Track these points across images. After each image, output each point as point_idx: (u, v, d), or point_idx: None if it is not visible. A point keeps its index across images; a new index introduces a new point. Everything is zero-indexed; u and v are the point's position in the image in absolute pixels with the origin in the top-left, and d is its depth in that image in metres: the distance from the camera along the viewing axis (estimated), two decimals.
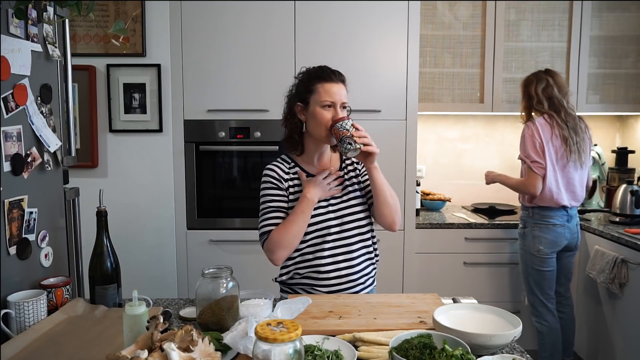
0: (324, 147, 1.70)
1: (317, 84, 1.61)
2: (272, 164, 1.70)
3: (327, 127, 1.59)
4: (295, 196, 1.66)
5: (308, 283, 1.68)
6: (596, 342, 2.78)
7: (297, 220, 1.59)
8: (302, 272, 1.68)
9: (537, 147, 2.50)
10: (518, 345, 1.27)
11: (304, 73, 1.67)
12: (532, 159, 2.51)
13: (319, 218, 1.66)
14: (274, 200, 1.65)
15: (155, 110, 2.67)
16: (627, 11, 3.07)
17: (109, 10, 2.61)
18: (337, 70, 1.66)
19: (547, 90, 2.54)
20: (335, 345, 1.18)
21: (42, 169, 1.53)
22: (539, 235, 2.56)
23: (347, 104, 1.65)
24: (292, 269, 1.70)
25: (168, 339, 1.06)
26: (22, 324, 1.31)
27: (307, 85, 1.62)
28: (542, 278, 2.59)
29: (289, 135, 1.69)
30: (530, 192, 2.53)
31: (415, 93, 2.73)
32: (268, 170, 1.69)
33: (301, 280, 1.69)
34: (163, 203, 2.72)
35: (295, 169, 1.70)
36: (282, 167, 1.69)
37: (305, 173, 1.69)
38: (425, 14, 3.02)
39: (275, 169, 1.68)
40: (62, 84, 1.70)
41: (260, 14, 2.66)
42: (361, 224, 1.70)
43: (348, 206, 1.69)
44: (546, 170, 2.50)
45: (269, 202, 1.65)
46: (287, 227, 1.59)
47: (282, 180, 1.67)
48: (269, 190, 1.66)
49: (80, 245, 1.83)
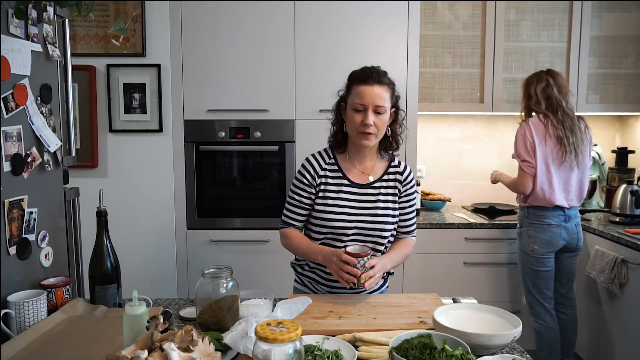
0: (367, 150, 1.66)
1: (354, 85, 1.59)
2: (313, 155, 1.70)
3: (358, 132, 1.58)
4: (326, 187, 1.65)
5: (313, 278, 1.72)
6: (596, 342, 2.78)
7: (302, 252, 1.66)
8: (312, 265, 1.72)
9: (527, 146, 2.51)
10: (518, 345, 1.27)
11: (353, 72, 1.65)
12: (523, 157, 2.53)
13: (343, 224, 1.62)
14: (301, 195, 1.67)
15: (155, 110, 2.67)
16: (627, 11, 3.07)
17: (109, 10, 2.61)
18: (377, 71, 1.59)
19: (546, 90, 2.54)
20: (335, 345, 1.18)
21: (42, 169, 1.53)
22: (533, 235, 2.56)
23: (383, 107, 1.56)
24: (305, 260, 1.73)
25: (168, 339, 1.06)
26: (22, 324, 1.31)
27: (348, 85, 1.64)
28: (539, 278, 2.59)
29: (334, 132, 1.70)
30: (520, 190, 2.56)
31: (415, 93, 2.73)
32: (307, 162, 1.68)
33: (309, 273, 1.73)
34: (163, 203, 2.72)
35: (334, 166, 1.67)
36: (321, 160, 1.68)
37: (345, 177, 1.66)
38: (425, 14, 3.02)
39: (313, 163, 1.67)
40: (62, 84, 1.70)
41: (260, 14, 2.66)
42: (381, 235, 1.64)
43: (372, 216, 1.63)
44: (536, 169, 2.50)
45: (296, 194, 1.68)
46: (295, 243, 1.68)
47: (317, 175, 1.66)
48: (299, 184, 1.67)
49: (80, 245, 1.83)
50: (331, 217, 1.62)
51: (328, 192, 1.65)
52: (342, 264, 1.47)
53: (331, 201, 1.64)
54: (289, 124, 2.72)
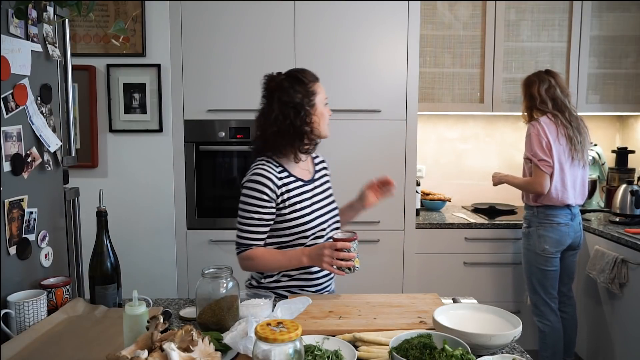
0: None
1: (313, 85, 1.66)
2: (263, 169, 1.61)
3: (327, 124, 1.69)
4: (289, 196, 1.62)
5: (297, 285, 1.67)
6: (596, 342, 2.78)
7: (279, 264, 1.62)
8: (293, 274, 1.66)
9: (543, 145, 2.50)
10: (518, 345, 1.27)
11: (293, 79, 1.64)
12: (540, 157, 2.51)
13: (319, 220, 1.67)
14: (261, 213, 1.60)
15: (155, 110, 2.67)
16: (627, 11, 3.07)
17: (109, 10, 2.61)
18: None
19: (550, 91, 2.55)
20: (335, 345, 1.18)
21: (42, 169, 1.53)
22: (544, 234, 2.56)
23: None
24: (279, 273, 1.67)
25: (168, 339, 1.06)
26: (22, 324, 1.31)
27: (308, 88, 1.65)
28: (546, 277, 2.59)
29: (298, 143, 1.63)
30: (538, 190, 2.52)
31: (415, 93, 2.73)
32: (261, 178, 1.60)
33: (289, 282, 1.67)
34: (163, 203, 2.72)
35: (284, 172, 1.65)
36: (272, 172, 1.62)
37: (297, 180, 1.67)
38: (425, 14, 3.02)
39: (269, 176, 1.60)
40: (62, 84, 1.70)
41: (260, 14, 2.66)
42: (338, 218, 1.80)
43: (335, 207, 1.78)
44: (553, 168, 2.50)
45: (255, 213, 1.60)
46: (268, 260, 1.62)
47: (276, 187, 1.61)
48: (258, 202, 1.59)
49: (80, 245, 1.83)
50: (308, 220, 1.64)
51: (292, 199, 1.63)
52: (336, 253, 1.49)
53: (299, 205, 1.64)
54: None
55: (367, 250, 2.77)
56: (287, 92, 1.62)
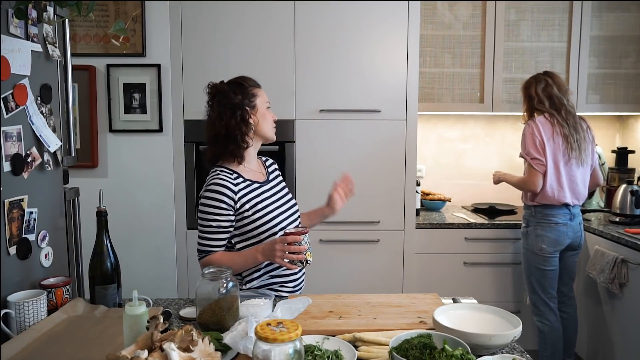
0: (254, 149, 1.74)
1: (253, 90, 1.71)
2: (219, 178, 1.63)
3: (272, 127, 1.74)
4: (248, 200, 1.65)
5: (277, 282, 1.70)
6: (596, 342, 2.78)
7: (238, 266, 1.63)
8: (274, 272, 1.70)
9: (537, 144, 2.51)
10: (518, 345, 1.27)
11: (234, 84, 1.70)
12: (532, 155, 2.52)
13: (283, 217, 1.72)
14: (219, 221, 1.63)
15: (155, 110, 2.67)
16: (627, 11, 3.07)
17: (109, 10, 2.61)
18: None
19: (546, 90, 2.56)
20: (335, 345, 1.18)
21: (42, 169, 1.53)
22: (541, 234, 2.56)
23: None
24: (263, 272, 1.69)
25: (168, 339, 1.06)
26: (22, 324, 1.31)
27: (248, 91, 1.69)
28: (544, 277, 2.59)
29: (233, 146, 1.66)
30: (530, 189, 2.55)
31: (415, 93, 2.73)
32: (218, 186, 1.62)
33: (269, 280, 1.70)
34: (163, 203, 2.72)
35: (239, 178, 1.67)
36: (228, 179, 1.64)
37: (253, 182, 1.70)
38: (425, 14, 3.02)
39: (226, 184, 1.62)
40: (62, 84, 1.70)
41: (260, 14, 2.66)
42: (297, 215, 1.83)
43: (290, 200, 1.81)
44: (547, 167, 2.50)
45: (213, 221, 1.63)
46: (225, 263, 1.62)
47: (234, 194, 1.63)
48: (217, 210, 1.62)
49: (80, 245, 1.83)
50: (271, 217, 1.67)
51: (252, 200, 1.65)
52: (288, 247, 1.51)
53: (260, 205, 1.66)
54: (289, 124, 2.72)
55: (367, 250, 2.78)
56: (227, 95, 1.67)
